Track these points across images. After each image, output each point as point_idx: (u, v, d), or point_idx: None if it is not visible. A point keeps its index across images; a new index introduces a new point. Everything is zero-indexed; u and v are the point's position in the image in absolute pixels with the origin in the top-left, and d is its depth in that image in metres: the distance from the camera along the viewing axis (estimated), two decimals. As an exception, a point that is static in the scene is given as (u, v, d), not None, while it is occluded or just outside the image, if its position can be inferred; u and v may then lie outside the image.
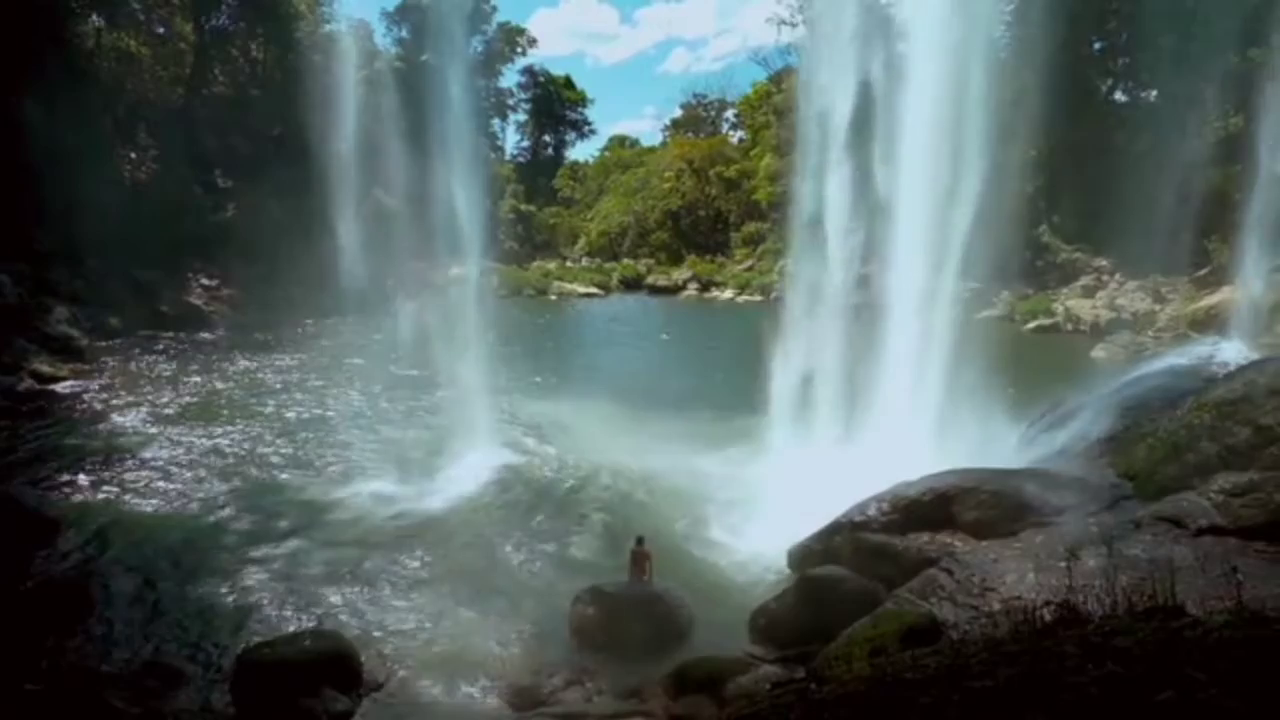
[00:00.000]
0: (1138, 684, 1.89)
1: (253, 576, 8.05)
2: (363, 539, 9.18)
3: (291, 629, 6.87)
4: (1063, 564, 5.59)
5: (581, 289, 44.63)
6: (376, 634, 6.97)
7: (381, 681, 6.26)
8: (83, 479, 10.76)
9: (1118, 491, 7.06)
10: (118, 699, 5.56)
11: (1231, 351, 10.80)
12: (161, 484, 10.79)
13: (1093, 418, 8.98)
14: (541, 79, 66.73)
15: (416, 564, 8.52)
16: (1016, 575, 5.67)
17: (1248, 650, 2.03)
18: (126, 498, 10.23)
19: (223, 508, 10.08)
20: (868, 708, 2.18)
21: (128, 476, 11.01)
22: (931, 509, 7.31)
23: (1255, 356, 9.33)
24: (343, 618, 7.22)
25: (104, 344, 20.54)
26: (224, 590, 7.72)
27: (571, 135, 70.79)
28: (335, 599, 7.61)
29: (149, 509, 9.93)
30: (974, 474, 7.58)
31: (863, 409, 11.19)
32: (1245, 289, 20.17)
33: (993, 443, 10.69)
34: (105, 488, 10.51)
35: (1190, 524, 5.87)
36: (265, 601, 7.53)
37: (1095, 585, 3.99)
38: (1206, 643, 2.15)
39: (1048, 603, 3.57)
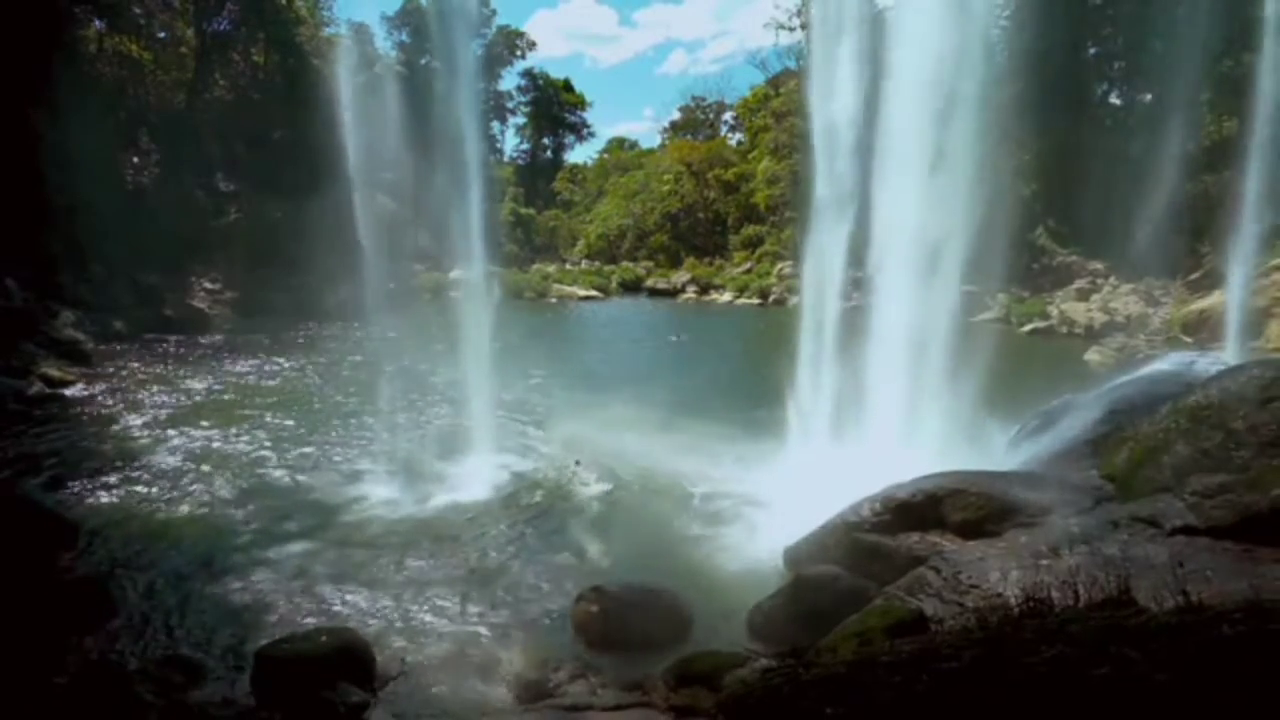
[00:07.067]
0: (1081, 663, 2.18)
1: (266, 575, 8.32)
2: (371, 540, 9.45)
3: (306, 624, 7.13)
4: (1044, 562, 5.90)
5: (581, 292, 44.93)
6: (388, 631, 7.23)
7: (394, 676, 6.52)
8: (97, 481, 11.04)
9: (1100, 493, 7.34)
10: (144, 692, 5.83)
11: (1211, 358, 11.13)
12: (173, 486, 11.06)
13: (1079, 421, 9.27)
14: (540, 82, 67.11)
15: (424, 564, 8.79)
16: (1000, 573, 5.95)
17: (1180, 633, 2.32)
18: (140, 499, 10.50)
19: (234, 509, 10.35)
20: (848, 685, 2.47)
21: (140, 478, 11.29)
22: (921, 510, 7.59)
23: (1233, 362, 9.63)
24: (355, 615, 7.49)
25: (109, 347, 20.82)
26: (239, 589, 7.98)
27: (570, 138, 71.23)
28: (347, 597, 7.88)
29: (163, 510, 10.20)
30: (963, 476, 7.85)
31: (861, 411, 11.47)
32: (1234, 293, 20.51)
33: (984, 444, 11.00)
34: (119, 489, 10.79)
35: (1165, 524, 6.16)
36: (279, 599, 7.79)
37: (1070, 581, 4.27)
38: (1147, 628, 2.44)
39: (1029, 598, 3.85)
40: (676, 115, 69.37)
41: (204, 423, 14.43)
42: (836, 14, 12.52)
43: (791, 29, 50.30)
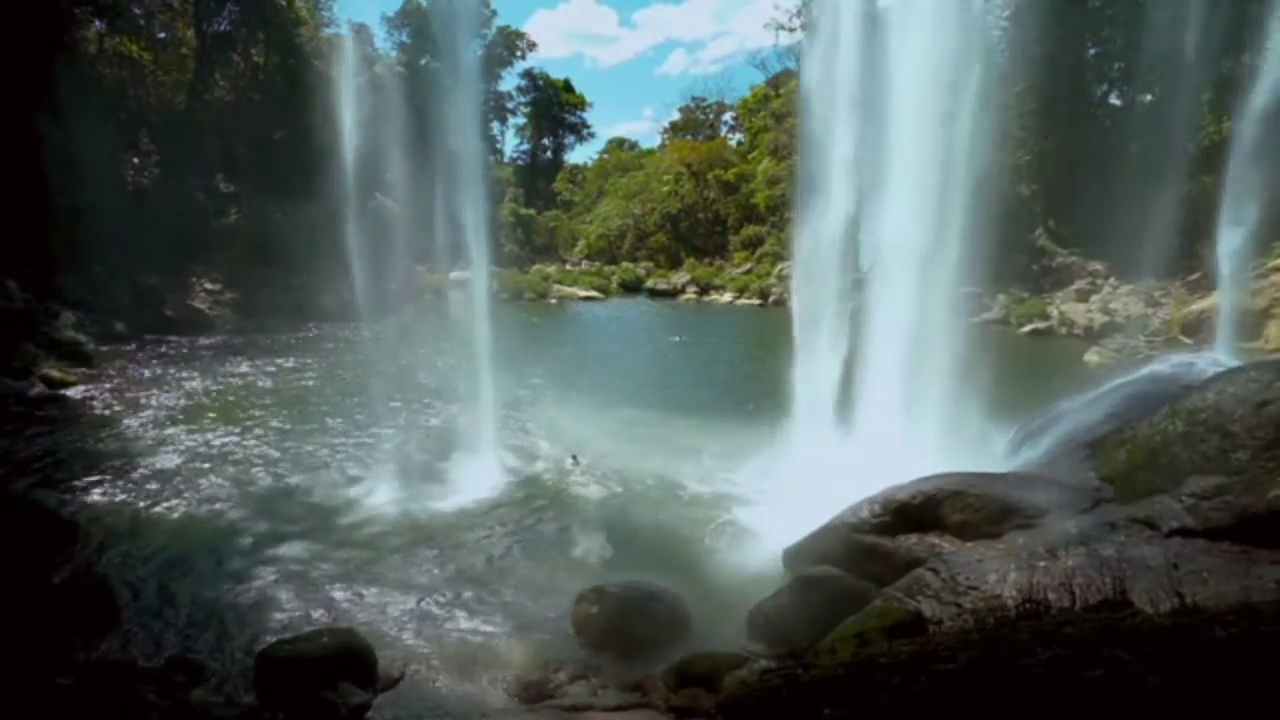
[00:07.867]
0: (1075, 664, 2.21)
1: (268, 577, 8.35)
2: (372, 541, 9.49)
3: (307, 627, 7.15)
4: (1042, 564, 5.93)
5: (581, 292, 44.96)
6: (389, 632, 7.26)
7: (396, 677, 6.55)
8: (98, 481, 11.07)
9: (1098, 495, 7.37)
10: (147, 692, 5.86)
11: (1210, 359, 11.18)
12: (174, 487, 11.09)
13: (1077, 423, 9.30)
14: (540, 82, 67.16)
15: (425, 565, 8.83)
16: (998, 575, 5.98)
17: (1174, 635, 2.34)
18: (141, 500, 10.53)
19: (235, 510, 10.38)
20: (847, 686, 2.49)
21: (141, 479, 11.32)
22: (920, 511, 7.61)
23: (1231, 364, 9.67)
24: (356, 616, 7.52)
25: (109, 349, 20.83)
26: (241, 590, 8.02)
27: (571, 138, 71.28)
28: (348, 599, 7.91)
29: (164, 511, 10.22)
30: (961, 477, 7.87)
31: (861, 412, 11.49)
32: (1232, 293, 20.52)
33: (984, 445, 11.02)
34: (120, 490, 10.82)
35: (1162, 526, 6.18)
36: (281, 601, 7.83)
37: (1068, 583, 4.30)
38: (1141, 630, 2.47)
39: (1026, 600, 3.88)
40: (676, 116, 69.56)
41: (203, 424, 14.46)
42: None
43: (791, 29, 50.43)
